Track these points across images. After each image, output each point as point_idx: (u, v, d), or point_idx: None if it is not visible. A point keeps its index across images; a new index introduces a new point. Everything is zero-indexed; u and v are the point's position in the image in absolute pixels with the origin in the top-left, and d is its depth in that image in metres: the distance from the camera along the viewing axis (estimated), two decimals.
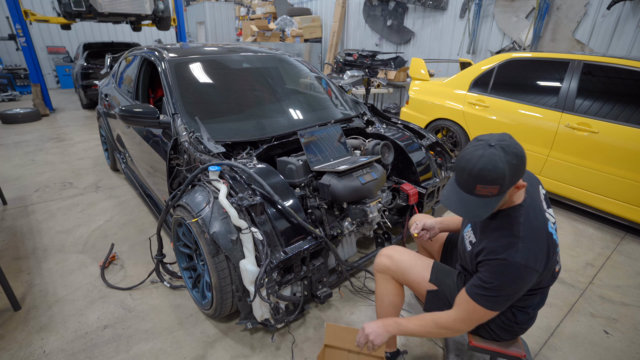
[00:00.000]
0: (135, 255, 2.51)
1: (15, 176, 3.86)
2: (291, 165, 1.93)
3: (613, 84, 2.92)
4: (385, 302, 1.50)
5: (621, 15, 4.47)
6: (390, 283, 1.47)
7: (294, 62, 3.08)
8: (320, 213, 1.88)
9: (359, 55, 6.98)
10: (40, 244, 2.63)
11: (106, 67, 4.53)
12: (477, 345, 1.32)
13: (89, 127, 6.05)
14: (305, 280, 1.70)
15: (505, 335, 1.30)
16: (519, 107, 3.34)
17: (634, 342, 1.89)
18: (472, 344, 1.32)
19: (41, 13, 9.29)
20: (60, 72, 10.17)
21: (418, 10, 6.81)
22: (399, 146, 2.39)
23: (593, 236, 2.93)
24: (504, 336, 1.30)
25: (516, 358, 1.31)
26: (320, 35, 8.97)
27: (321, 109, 2.74)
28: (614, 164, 2.79)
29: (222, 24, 11.51)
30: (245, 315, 1.70)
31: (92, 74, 7.02)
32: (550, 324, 1.99)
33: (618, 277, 2.42)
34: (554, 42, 5.10)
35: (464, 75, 3.85)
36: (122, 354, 1.73)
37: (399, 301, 1.50)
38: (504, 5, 5.51)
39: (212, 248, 1.60)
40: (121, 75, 3.42)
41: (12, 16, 6.07)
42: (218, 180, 1.67)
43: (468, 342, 1.34)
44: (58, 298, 2.09)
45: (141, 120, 2.12)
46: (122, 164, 3.60)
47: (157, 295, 2.13)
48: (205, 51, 2.77)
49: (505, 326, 1.27)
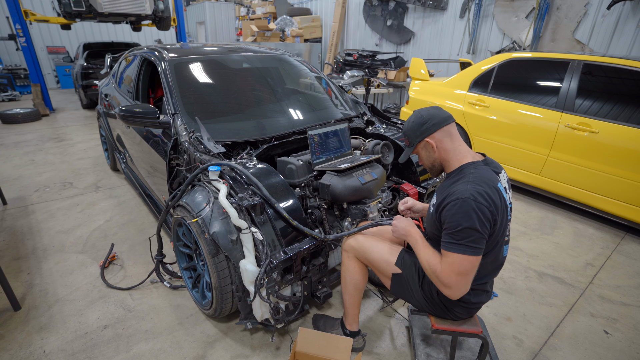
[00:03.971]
0: (135, 255, 2.51)
1: (15, 176, 3.86)
2: (291, 165, 1.92)
3: (613, 84, 2.92)
4: (347, 279, 1.63)
5: (621, 15, 4.47)
6: (352, 261, 1.61)
7: (294, 62, 3.08)
8: (320, 213, 1.88)
9: (359, 55, 6.98)
10: (40, 244, 2.63)
11: (106, 67, 4.53)
12: (439, 328, 1.43)
13: (89, 127, 6.05)
14: (305, 280, 1.70)
15: (463, 314, 1.40)
16: (519, 107, 3.34)
17: (634, 342, 1.89)
18: (434, 327, 1.43)
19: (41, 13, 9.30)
20: (60, 72, 10.17)
21: (418, 10, 6.81)
22: (399, 146, 2.39)
23: (593, 236, 2.93)
24: (463, 314, 1.41)
25: (474, 334, 1.43)
26: (320, 35, 8.97)
27: (321, 109, 2.74)
28: (614, 164, 2.79)
29: (222, 24, 11.51)
30: (245, 315, 1.70)
31: (92, 74, 7.02)
32: (550, 324, 1.99)
33: (618, 277, 2.42)
34: (554, 42, 5.10)
35: (464, 75, 3.85)
36: (122, 354, 1.73)
37: (360, 280, 1.62)
38: (504, 5, 5.51)
39: (212, 248, 1.60)
40: (121, 75, 3.42)
41: (12, 16, 6.07)
42: (218, 180, 1.67)
43: (431, 326, 1.44)
44: (58, 298, 2.09)
45: (141, 120, 2.12)
46: (122, 164, 3.59)
47: (157, 295, 2.13)
48: (205, 51, 2.77)
49: (464, 304, 1.37)
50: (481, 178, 1.20)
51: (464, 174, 1.25)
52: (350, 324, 1.71)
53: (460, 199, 1.17)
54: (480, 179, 1.20)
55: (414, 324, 1.87)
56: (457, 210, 1.16)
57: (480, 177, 1.20)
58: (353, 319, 1.70)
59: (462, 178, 1.24)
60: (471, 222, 1.14)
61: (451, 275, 1.19)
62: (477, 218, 1.14)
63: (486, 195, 1.16)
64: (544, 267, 2.49)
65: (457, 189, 1.20)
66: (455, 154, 1.32)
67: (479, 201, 1.15)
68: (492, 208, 1.16)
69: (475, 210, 1.14)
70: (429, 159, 1.38)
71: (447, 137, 1.32)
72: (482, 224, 1.15)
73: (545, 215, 3.24)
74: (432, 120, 1.31)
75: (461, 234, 1.16)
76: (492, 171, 1.27)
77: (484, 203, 1.15)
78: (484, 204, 1.15)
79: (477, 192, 1.16)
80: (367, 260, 1.56)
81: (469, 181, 1.20)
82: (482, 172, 1.23)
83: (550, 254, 2.65)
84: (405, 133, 1.39)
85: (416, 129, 1.34)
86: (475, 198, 1.15)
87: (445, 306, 1.39)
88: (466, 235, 1.15)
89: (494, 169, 1.29)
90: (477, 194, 1.15)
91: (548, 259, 2.60)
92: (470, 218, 1.14)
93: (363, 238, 1.59)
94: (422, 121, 1.32)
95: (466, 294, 1.34)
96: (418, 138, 1.35)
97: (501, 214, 1.20)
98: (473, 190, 1.16)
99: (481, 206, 1.14)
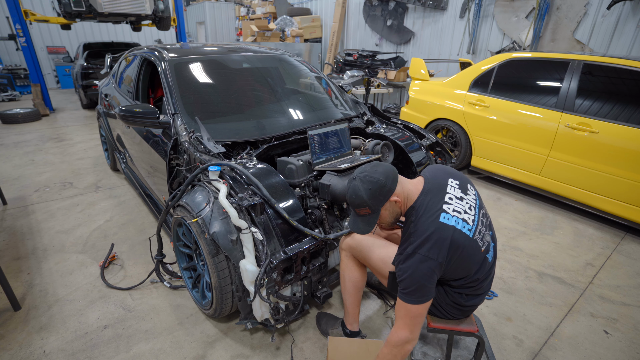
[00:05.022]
0: (135, 255, 2.51)
1: (15, 176, 3.86)
2: (291, 165, 1.93)
3: (613, 84, 2.92)
4: (346, 279, 1.64)
5: (621, 15, 4.47)
6: (350, 260, 1.63)
7: (294, 62, 3.08)
8: (320, 213, 1.88)
9: (359, 55, 6.98)
10: (40, 244, 2.63)
11: (106, 67, 4.53)
12: (435, 326, 1.44)
13: (89, 127, 6.05)
14: (305, 280, 1.70)
15: (458, 314, 1.42)
16: (519, 107, 3.34)
17: (634, 342, 1.89)
18: (430, 326, 1.44)
19: (41, 13, 9.30)
20: (60, 72, 10.17)
21: (418, 10, 6.81)
22: (399, 146, 2.39)
23: (593, 236, 2.93)
24: (457, 315, 1.42)
25: (470, 333, 1.43)
26: (320, 35, 8.97)
27: (321, 109, 2.74)
28: (614, 164, 2.79)
29: (222, 24, 11.50)
30: (245, 315, 1.70)
31: (92, 74, 7.01)
32: (550, 324, 1.99)
33: (618, 277, 2.42)
34: (554, 42, 5.10)
35: (464, 75, 3.85)
36: (122, 354, 1.73)
37: (359, 279, 1.64)
38: (504, 5, 5.51)
39: (212, 248, 1.60)
40: (121, 75, 3.42)
41: (12, 16, 6.07)
42: (218, 180, 1.67)
43: (427, 325, 1.45)
44: (58, 298, 2.09)
45: (141, 120, 2.12)
46: (122, 164, 3.59)
47: (157, 295, 2.13)
48: (205, 51, 2.77)
49: (458, 306, 1.38)
50: (422, 227, 1.20)
51: (408, 223, 1.26)
52: (350, 323, 1.72)
53: (403, 254, 1.21)
54: (421, 230, 1.19)
55: None
56: (404, 265, 1.20)
57: (421, 226, 1.20)
58: (354, 318, 1.71)
59: (407, 230, 1.25)
60: (417, 276, 1.17)
61: (407, 326, 1.23)
62: (423, 272, 1.17)
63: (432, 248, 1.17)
64: (544, 267, 2.49)
65: (404, 245, 1.23)
66: (407, 199, 1.29)
67: (422, 255, 1.17)
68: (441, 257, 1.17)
69: (420, 265, 1.17)
70: (393, 214, 1.32)
71: (400, 186, 1.28)
72: (431, 275, 1.18)
73: (545, 215, 3.24)
74: (389, 178, 1.25)
75: (410, 284, 1.19)
76: (436, 195, 1.26)
77: (429, 256, 1.17)
78: (429, 256, 1.17)
79: (420, 247, 1.18)
80: (364, 258, 1.57)
81: (412, 233, 1.21)
82: (421, 218, 1.22)
83: (550, 254, 2.65)
84: (364, 203, 1.25)
85: (378, 194, 1.24)
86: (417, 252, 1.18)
87: (440, 306, 1.40)
88: (415, 286, 1.19)
89: (437, 189, 1.28)
90: (420, 249, 1.18)
91: (548, 259, 2.60)
92: (415, 272, 1.18)
93: (360, 237, 1.59)
94: (381, 184, 1.23)
95: (459, 297, 1.35)
96: (382, 202, 1.26)
97: (455, 247, 1.19)
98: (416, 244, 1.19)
99: (425, 260, 1.17)
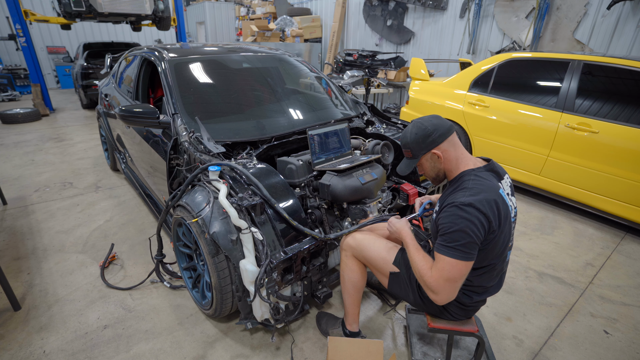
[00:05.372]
0: (135, 255, 2.51)
1: (15, 176, 3.86)
2: (291, 165, 1.93)
3: (613, 84, 2.92)
4: (346, 279, 1.63)
5: (621, 15, 4.47)
6: (350, 260, 1.61)
7: (294, 62, 3.08)
8: (320, 213, 1.88)
9: (359, 55, 6.98)
10: (40, 244, 2.63)
11: (106, 67, 4.52)
12: (435, 327, 1.42)
13: (89, 127, 6.05)
14: (305, 280, 1.70)
15: (460, 315, 1.41)
16: (519, 107, 3.34)
17: (634, 342, 1.89)
18: (430, 326, 1.43)
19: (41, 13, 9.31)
20: (60, 72, 10.17)
21: (418, 10, 6.81)
22: (399, 146, 2.39)
23: (593, 236, 2.93)
24: (460, 316, 1.41)
25: (470, 333, 1.42)
26: (320, 35, 8.97)
27: (321, 109, 2.74)
28: (614, 164, 2.79)
29: (222, 24, 11.50)
30: (245, 315, 1.70)
31: (92, 74, 7.02)
32: (550, 324, 1.99)
33: (618, 277, 2.42)
34: (554, 42, 5.10)
35: (464, 75, 3.85)
36: (122, 354, 1.73)
37: (359, 279, 1.62)
38: (504, 5, 5.51)
39: (212, 248, 1.60)
40: (121, 75, 3.42)
41: (12, 16, 6.07)
42: (218, 180, 1.67)
43: (427, 325, 1.44)
44: (58, 298, 2.09)
45: (141, 120, 2.12)
46: (122, 164, 3.59)
47: (157, 295, 2.13)
48: (205, 51, 2.77)
49: (462, 306, 1.38)
50: (480, 186, 1.21)
51: (463, 181, 1.26)
52: (350, 323, 1.71)
53: (455, 203, 1.18)
54: (479, 188, 1.20)
55: (411, 322, 1.88)
56: (452, 214, 1.18)
57: (480, 185, 1.21)
58: (353, 318, 1.70)
59: (460, 186, 1.25)
60: (462, 226, 1.15)
61: (439, 280, 1.19)
62: (473, 223, 1.14)
63: (487, 204, 1.16)
64: (544, 267, 2.49)
65: (455, 195, 1.22)
66: (458, 163, 1.32)
67: (475, 207, 1.15)
68: (489, 215, 1.15)
69: (472, 216, 1.15)
70: (434, 169, 1.37)
71: (451, 146, 1.31)
72: (473, 229, 1.15)
73: (545, 215, 3.24)
74: (438, 131, 1.29)
75: (455, 236, 1.16)
76: (494, 177, 1.27)
77: (482, 210, 1.15)
78: (482, 210, 1.15)
79: (475, 199, 1.16)
80: (365, 258, 1.57)
81: (466, 188, 1.21)
82: (481, 179, 1.24)
83: (550, 254, 2.65)
84: (408, 145, 1.35)
85: (421, 142, 1.31)
86: (472, 203, 1.15)
87: (442, 306, 1.39)
88: (460, 239, 1.15)
89: (495, 175, 1.28)
90: (475, 201, 1.16)
91: (548, 259, 2.60)
92: (464, 222, 1.15)
93: (361, 237, 1.59)
94: (427, 133, 1.30)
95: (464, 297, 1.34)
96: (423, 150, 1.33)
97: (503, 220, 1.20)
98: (471, 196, 1.17)
99: (478, 213, 1.15)
